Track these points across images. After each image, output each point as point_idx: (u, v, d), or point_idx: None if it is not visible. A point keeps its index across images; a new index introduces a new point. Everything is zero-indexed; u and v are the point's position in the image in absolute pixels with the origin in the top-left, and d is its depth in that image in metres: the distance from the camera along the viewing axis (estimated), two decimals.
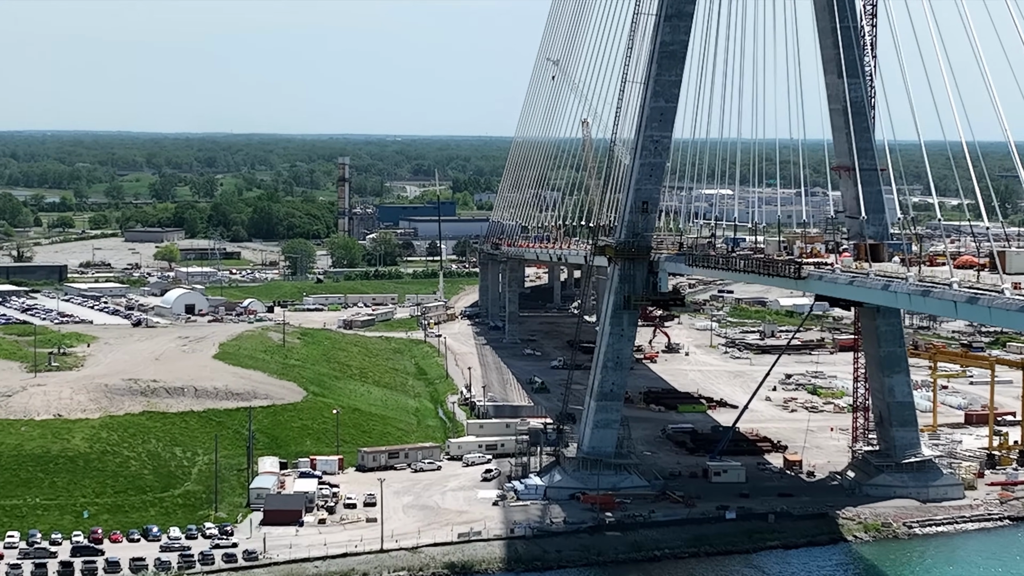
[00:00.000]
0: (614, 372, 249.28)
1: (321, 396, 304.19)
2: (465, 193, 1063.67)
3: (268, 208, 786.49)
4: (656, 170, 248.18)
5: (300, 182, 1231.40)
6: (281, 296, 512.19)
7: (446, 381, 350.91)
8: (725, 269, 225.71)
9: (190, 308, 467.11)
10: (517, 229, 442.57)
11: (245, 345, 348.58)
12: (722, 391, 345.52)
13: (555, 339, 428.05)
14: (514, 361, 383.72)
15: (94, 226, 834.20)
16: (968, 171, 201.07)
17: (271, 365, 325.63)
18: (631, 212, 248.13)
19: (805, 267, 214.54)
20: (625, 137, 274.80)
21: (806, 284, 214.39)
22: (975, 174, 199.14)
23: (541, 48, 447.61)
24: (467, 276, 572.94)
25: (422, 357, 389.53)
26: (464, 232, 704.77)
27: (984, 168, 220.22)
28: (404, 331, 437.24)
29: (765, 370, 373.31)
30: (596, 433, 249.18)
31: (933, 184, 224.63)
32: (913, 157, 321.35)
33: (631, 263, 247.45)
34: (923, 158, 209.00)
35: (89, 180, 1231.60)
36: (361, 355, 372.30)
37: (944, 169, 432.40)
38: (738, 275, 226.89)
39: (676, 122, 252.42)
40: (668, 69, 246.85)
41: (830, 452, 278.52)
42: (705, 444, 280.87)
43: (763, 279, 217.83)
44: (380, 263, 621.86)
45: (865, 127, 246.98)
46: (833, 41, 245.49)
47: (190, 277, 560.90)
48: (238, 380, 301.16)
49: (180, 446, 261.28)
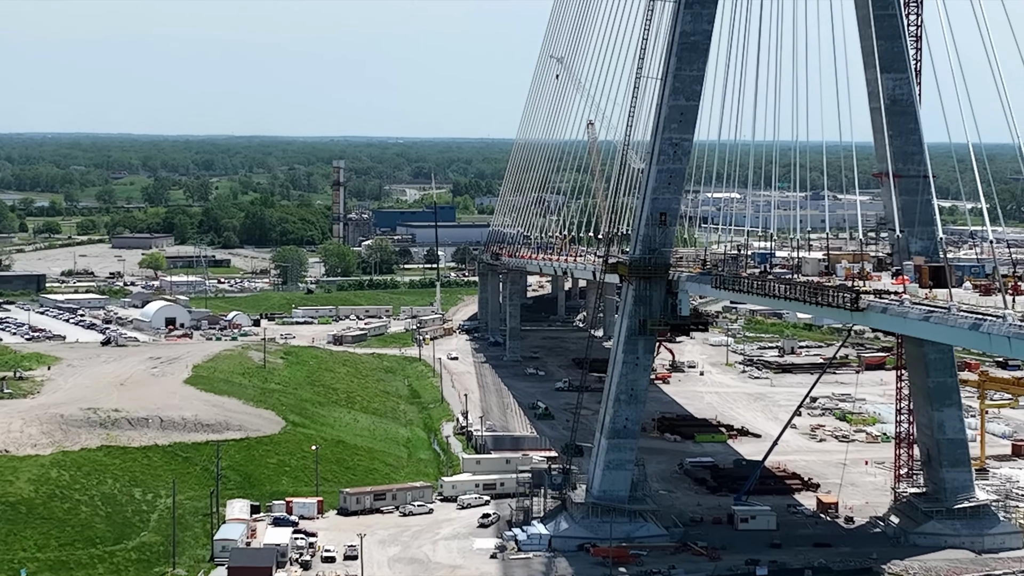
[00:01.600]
0: (628, 406, 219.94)
1: (301, 427, 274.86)
2: (466, 197, 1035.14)
3: (261, 213, 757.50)
4: (675, 177, 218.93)
5: (297, 185, 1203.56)
6: (269, 308, 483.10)
7: (441, 405, 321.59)
8: (762, 295, 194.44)
9: (171, 321, 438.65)
10: (518, 238, 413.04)
11: (221, 367, 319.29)
12: (742, 417, 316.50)
13: (559, 356, 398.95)
14: (515, 382, 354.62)
15: (82, 232, 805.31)
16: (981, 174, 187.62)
17: (248, 390, 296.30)
18: (647, 225, 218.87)
19: (864, 296, 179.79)
20: (639, 139, 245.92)
21: (865, 318, 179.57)
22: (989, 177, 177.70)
23: (544, 45, 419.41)
24: (466, 285, 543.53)
25: (416, 377, 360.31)
26: (464, 238, 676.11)
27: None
28: (398, 347, 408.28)
29: (786, 392, 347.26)
30: (607, 475, 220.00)
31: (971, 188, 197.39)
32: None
33: (647, 283, 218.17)
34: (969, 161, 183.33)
35: (82, 183, 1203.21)
36: (349, 376, 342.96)
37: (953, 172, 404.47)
38: (778, 302, 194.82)
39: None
40: (689, 63, 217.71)
41: (867, 491, 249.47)
42: (728, 481, 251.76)
43: (810, 308, 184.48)
44: (375, 271, 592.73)
45: (912, 128, 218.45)
46: (875, 32, 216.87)
47: (174, 287, 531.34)
48: (209, 409, 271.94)
49: (140, 487, 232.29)
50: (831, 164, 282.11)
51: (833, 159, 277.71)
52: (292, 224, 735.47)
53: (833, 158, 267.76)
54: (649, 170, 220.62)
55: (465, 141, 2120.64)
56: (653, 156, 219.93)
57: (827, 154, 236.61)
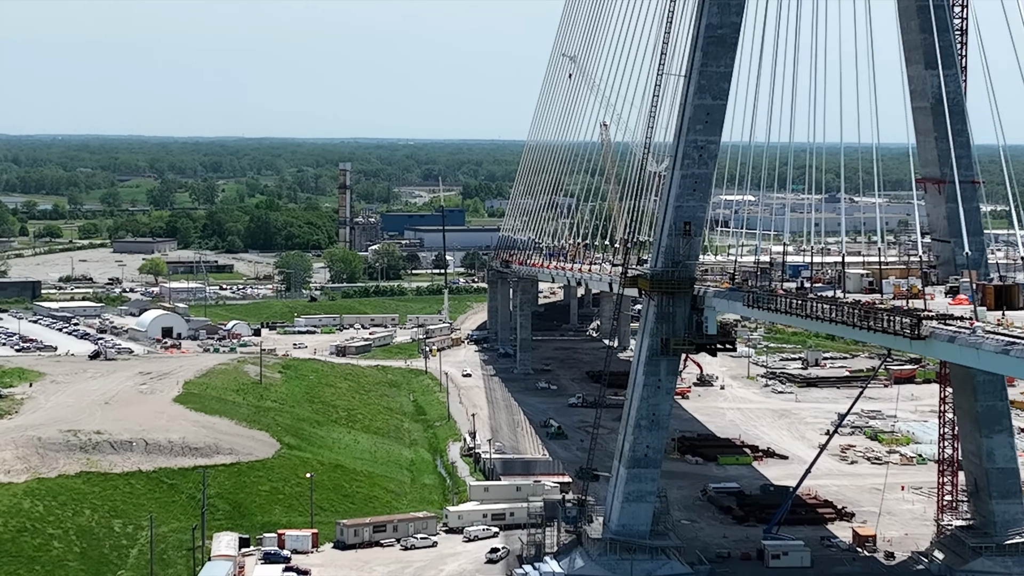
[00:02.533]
0: (649, 433, 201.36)
1: (297, 450, 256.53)
2: (476, 199, 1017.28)
3: (266, 217, 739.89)
4: (701, 183, 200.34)
5: (305, 188, 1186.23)
6: (270, 317, 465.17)
7: (448, 424, 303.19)
8: (803, 317, 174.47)
9: (167, 331, 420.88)
10: (529, 244, 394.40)
11: (214, 383, 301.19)
12: (767, 435, 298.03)
13: (573, 369, 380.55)
14: (526, 397, 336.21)
15: (83, 236, 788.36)
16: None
17: (241, 409, 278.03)
18: (670, 235, 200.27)
19: (927, 323, 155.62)
20: (659, 141, 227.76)
21: (928, 347, 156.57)
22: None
23: (556, 43, 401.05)
24: (475, 292, 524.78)
25: (422, 392, 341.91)
26: (473, 242, 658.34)
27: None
28: (404, 358, 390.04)
29: (812, 408, 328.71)
30: (627, 508, 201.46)
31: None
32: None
33: (670, 298, 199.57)
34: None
35: (87, 186, 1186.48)
36: (351, 392, 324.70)
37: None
38: (823, 326, 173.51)
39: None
40: (716, 58, 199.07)
41: (906, 520, 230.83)
42: (755, 510, 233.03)
43: (860, 334, 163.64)
44: (382, 277, 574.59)
45: (960, 129, 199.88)
46: (920, 24, 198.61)
47: (174, 294, 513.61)
48: (199, 430, 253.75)
49: (121, 517, 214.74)
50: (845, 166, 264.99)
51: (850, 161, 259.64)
52: (298, 228, 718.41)
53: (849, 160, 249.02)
54: (672, 175, 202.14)
55: (476, 143, 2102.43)
56: (676, 160, 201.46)
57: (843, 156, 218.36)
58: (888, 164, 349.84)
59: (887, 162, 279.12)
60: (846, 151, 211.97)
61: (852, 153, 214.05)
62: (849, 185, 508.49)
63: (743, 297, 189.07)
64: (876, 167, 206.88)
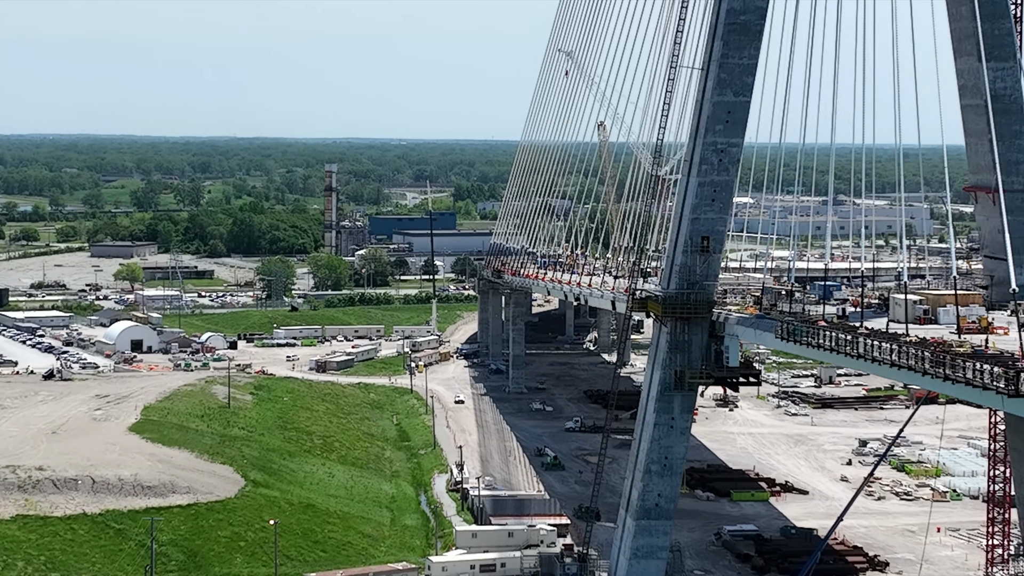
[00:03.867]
0: (661, 479, 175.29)
1: (264, 487, 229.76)
2: (468, 201, 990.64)
3: (249, 220, 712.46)
4: (721, 192, 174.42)
5: (294, 189, 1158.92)
6: (248, 328, 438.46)
7: (433, 452, 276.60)
8: (855, 357, 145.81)
9: (137, 345, 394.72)
10: (522, 253, 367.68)
11: (178, 407, 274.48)
12: (783, 466, 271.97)
13: (569, 387, 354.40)
14: (519, 420, 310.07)
15: (62, 239, 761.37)
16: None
17: (204, 439, 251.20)
18: (685, 252, 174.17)
19: None
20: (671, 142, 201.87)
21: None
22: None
23: (551, 39, 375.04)
24: (466, 300, 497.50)
25: (407, 414, 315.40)
26: (464, 247, 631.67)
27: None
28: (388, 375, 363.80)
29: (830, 433, 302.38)
30: (635, 565, 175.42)
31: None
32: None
33: (685, 324, 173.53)
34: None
35: (72, 187, 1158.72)
36: (328, 415, 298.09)
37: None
38: (882, 369, 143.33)
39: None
40: (739, 48, 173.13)
41: (946, 571, 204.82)
42: (777, 558, 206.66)
43: (935, 384, 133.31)
44: (369, 284, 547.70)
45: (1018, 130, 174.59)
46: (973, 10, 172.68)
47: (149, 302, 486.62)
48: (154, 465, 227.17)
49: (59, 569, 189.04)
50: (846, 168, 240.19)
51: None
52: (283, 232, 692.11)
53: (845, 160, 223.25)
54: (687, 182, 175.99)
55: (469, 143, 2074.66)
56: (692, 165, 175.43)
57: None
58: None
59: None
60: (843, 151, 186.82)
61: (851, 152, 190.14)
62: (845, 186, 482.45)
63: (775, 328, 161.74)
64: (924, 169, 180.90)
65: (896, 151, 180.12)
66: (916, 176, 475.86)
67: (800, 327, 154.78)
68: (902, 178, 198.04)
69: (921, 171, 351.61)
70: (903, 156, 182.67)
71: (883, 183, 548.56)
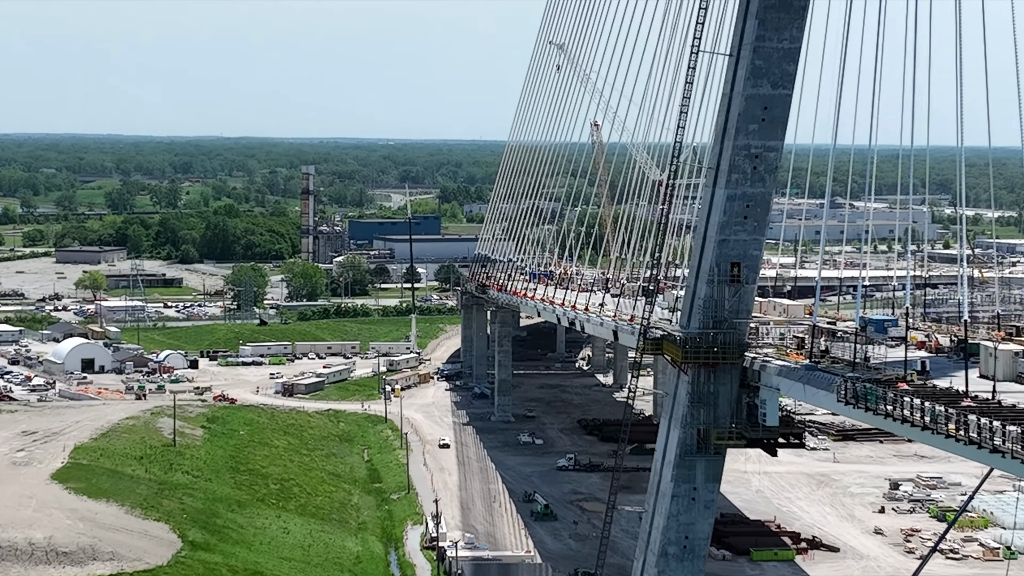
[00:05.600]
0: (680, 564, 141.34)
1: (204, 549, 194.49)
2: (454, 203, 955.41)
3: (223, 224, 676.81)
4: (756, 207, 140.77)
5: (275, 190, 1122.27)
6: (213, 344, 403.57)
7: (407, 497, 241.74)
8: (963, 442, 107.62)
9: (88, 364, 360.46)
10: (509, 266, 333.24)
11: (114, 446, 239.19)
12: (807, 514, 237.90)
13: (561, 414, 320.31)
14: (505, 456, 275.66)
15: (28, 243, 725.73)
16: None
17: (139, 488, 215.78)
18: (710, 282, 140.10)
19: None
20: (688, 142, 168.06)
21: None
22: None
23: (541, 31, 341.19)
24: (449, 312, 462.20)
25: (379, 448, 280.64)
26: (449, 253, 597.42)
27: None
28: (361, 399, 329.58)
29: (856, 472, 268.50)
30: None
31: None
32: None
33: (711, 372, 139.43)
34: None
35: (47, 187, 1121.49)
36: (290, 452, 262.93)
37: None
38: (1004, 463, 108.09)
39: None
40: (778, 29, 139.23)
41: None
42: None
43: None
44: (347, 293, 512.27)
45: None
46: None
47: (109, 314, 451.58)
48: (74, 525, 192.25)
49: None
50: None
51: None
52: (259, 236, 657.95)
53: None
54: (712, 195, 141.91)
55: (456, 143, 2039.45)
56: (718, 174, 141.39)
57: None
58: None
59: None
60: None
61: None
62: (841, 188, 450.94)
63: (835, 388, 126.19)
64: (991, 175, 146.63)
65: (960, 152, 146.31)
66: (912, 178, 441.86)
67: (874, 391, 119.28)
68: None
69: (928, 173, 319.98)
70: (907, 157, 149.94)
71: (879, 185, 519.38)
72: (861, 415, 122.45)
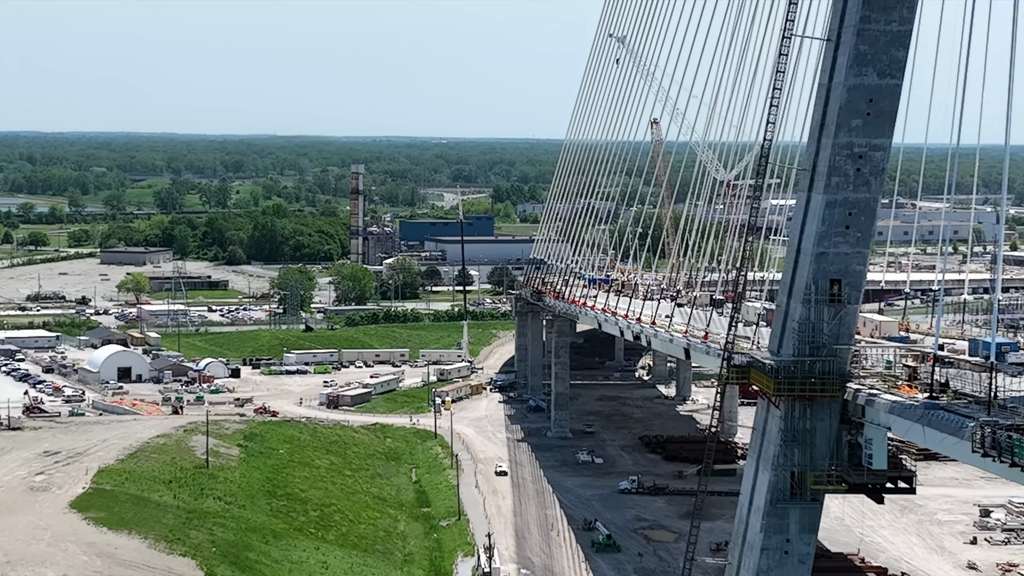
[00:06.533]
0: None
1: None
2: (507, 203, 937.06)
3: (271, 224, 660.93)
4: (860, 216, 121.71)
5: (326, 189, 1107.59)
6: (256, 351, 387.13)
7: (458, 523, 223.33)
8: None
9: (124, 373, 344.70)
10: (567, 271, 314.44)
11: (142, 469, 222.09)
12: (892, 545, 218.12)
13: (621, 429, 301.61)
14: (563, 477, 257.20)
15: (73, 243, 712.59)
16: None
17: (166, 517, 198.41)
18: (806, 302, 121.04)
19: None
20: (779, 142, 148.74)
21: None
22: None
23: (601, 23, 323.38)
24: (503, 317, 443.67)
25: (428, 468, 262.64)
26: (502, 255, 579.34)
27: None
28: (410, 412, 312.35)
29: (942, 496, 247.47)
30: None
31: None
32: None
33: (806, 407, 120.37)
34: None
35: (97, 187, 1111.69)
36: (332, 474, 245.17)
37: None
38: None
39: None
40: (886, 10, 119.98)
41: None
42: None
43: None
44: (397, 296, 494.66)
45: None
46: None
47: (151, 318, 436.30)
48: (90, 562, 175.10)
49: None
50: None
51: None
52: (307, 237, 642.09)
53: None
54: (807, 204, 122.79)
55: (509, 141, 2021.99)
56: (814, 178, 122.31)
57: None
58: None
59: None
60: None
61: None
62: (903, 189, 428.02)
63: (968, 434, 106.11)
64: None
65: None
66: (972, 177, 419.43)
67: (1021, 442, 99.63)
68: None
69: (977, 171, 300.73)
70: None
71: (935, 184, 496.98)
72: (1004, 470, 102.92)
